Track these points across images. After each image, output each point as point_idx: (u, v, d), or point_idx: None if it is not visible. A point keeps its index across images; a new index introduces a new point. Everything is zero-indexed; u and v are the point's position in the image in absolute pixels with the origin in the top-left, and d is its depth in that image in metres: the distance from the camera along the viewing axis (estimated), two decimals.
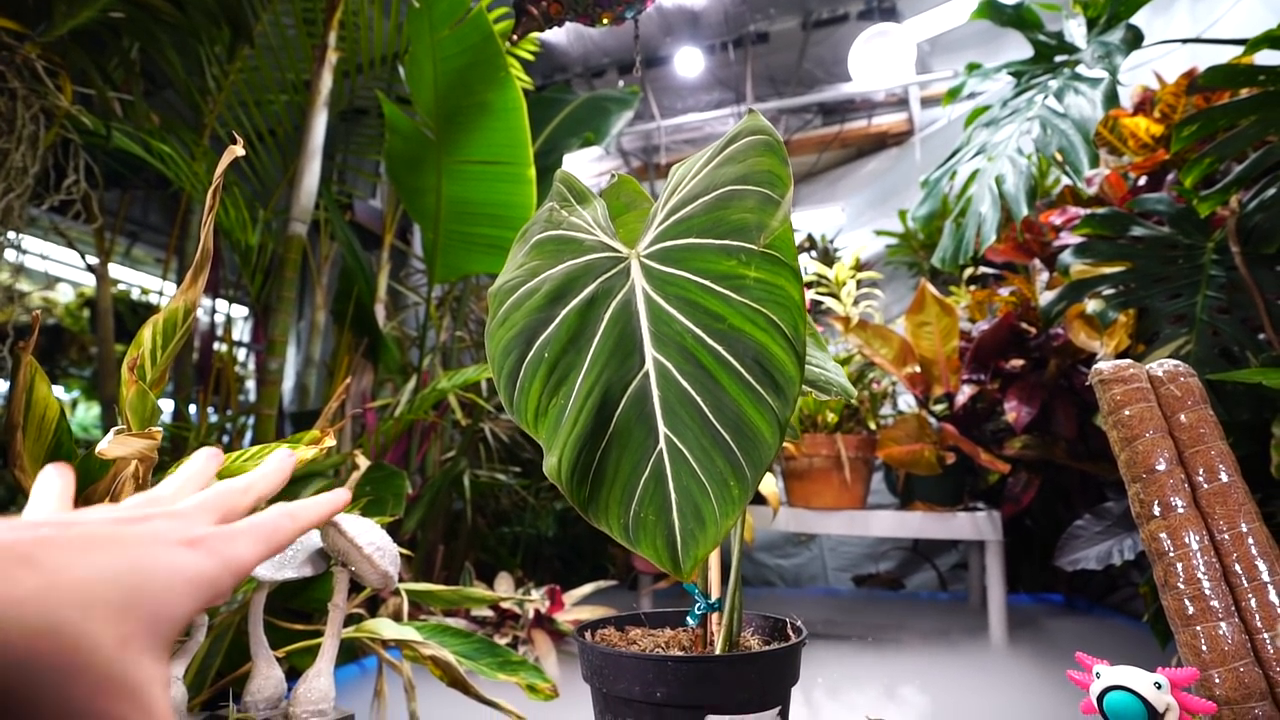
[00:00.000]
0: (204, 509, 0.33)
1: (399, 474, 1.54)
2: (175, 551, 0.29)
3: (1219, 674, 0.65)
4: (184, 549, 0.30)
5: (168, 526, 0.30)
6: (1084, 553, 1.60)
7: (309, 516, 0.38)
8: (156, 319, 0.71)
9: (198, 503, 0.34)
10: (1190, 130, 1.32)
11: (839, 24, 3.62)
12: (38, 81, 1.42)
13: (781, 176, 0.60)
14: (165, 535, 0.30)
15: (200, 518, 0.33)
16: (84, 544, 0.27)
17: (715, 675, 0.66)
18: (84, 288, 3.63)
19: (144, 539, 0.29)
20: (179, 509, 0.32)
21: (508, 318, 0.66)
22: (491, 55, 1.83)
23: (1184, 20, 2.48)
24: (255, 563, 0.33)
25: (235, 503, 0.35)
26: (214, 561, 0.30)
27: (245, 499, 0.36)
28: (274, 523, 0.35)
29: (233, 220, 2.04)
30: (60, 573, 0.25)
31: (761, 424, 0.56)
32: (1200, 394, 0.80)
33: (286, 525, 0.36)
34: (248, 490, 0.37)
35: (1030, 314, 2.14)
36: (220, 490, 0.35)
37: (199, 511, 0.33)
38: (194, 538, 0.30)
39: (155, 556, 0.28)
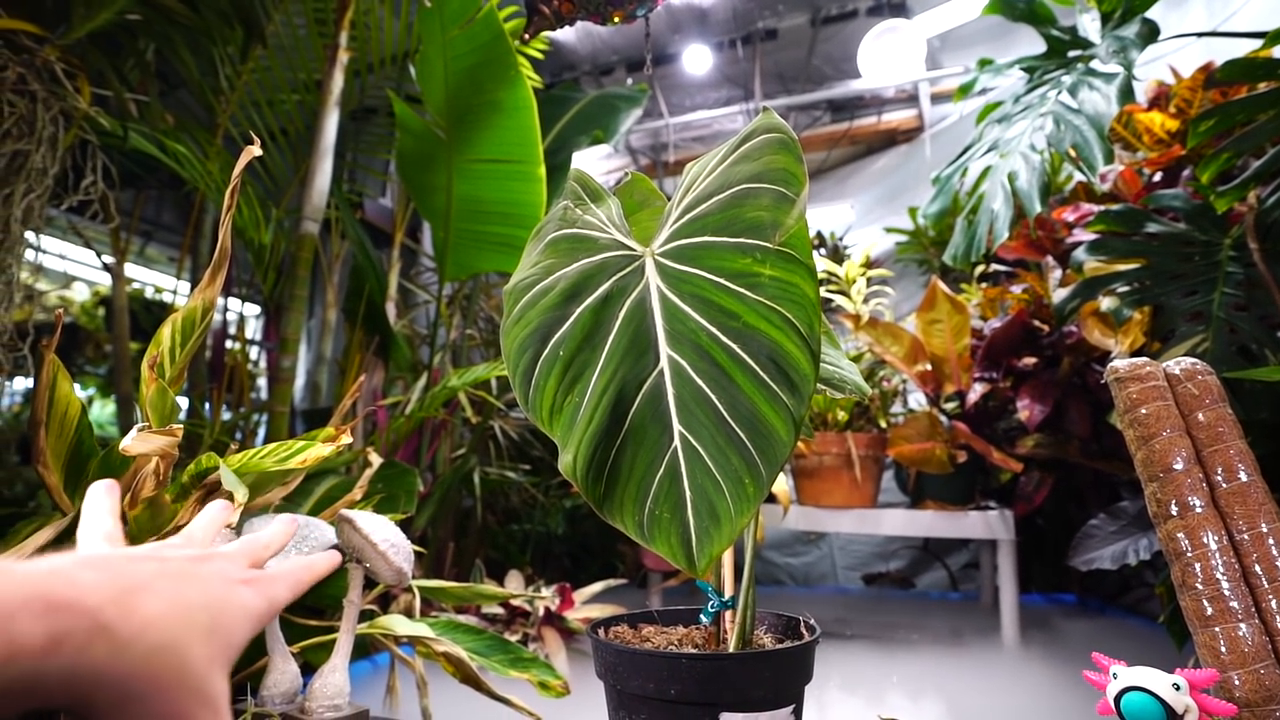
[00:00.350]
0: (244, 556, 0.40)
1: (410, 471, 1.55)
2: (239, 589, 0.36)
3: (1239, 676, 0.65)
4: (244, 587, 0.36)
5: (228, 568, 0.37)
6: (1098, 552, 1.59)
7: (322, 569, 0.46)
8: (175, 317, 0.72)
9: (239, 550, 0.41)
10: (1207, 125, 1.31)
11: (848, 20, 3.61)
12: (57, 84, 1.44)
13: (796, 174, 0.60)
14: (230, 574, 0.36)
15: (244, 562, 0.40)
16: (181, 577, 0.33)
17: (729, 673, 0.66)
18: (99, 286, 3.66)
19: (217, 577, 0.35)
20: (231, 553, 0.39)
21: (523, 315, 0.67)
22: (502, 54, 1.84)
23: (1200, 14, 2.45)
24: (287, 603, 0.40)
25: (261, 555, 0.43)
26: (263, 600, 0.37)
27: (267, 553, 0.44)
28: (299, 573, 0.43)
29: (246, 219, 2.05)
30: (174, 600, 0.31)
31: (776, 422, 0.56)
32: (1218, 392, 0.79)
33: (306, 577, 0.43)
34: (268, 547, 0.45)
35: (1043, 312, 2.13)
36: (251, 543, 0.43)
37: (242, 557, 0.40)
38: (249, 579, 0.37)
39: (227, 592, 0.35)
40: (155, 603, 0.30)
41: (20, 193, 1.31)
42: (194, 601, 0.32)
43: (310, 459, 0.71)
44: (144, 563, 0.32)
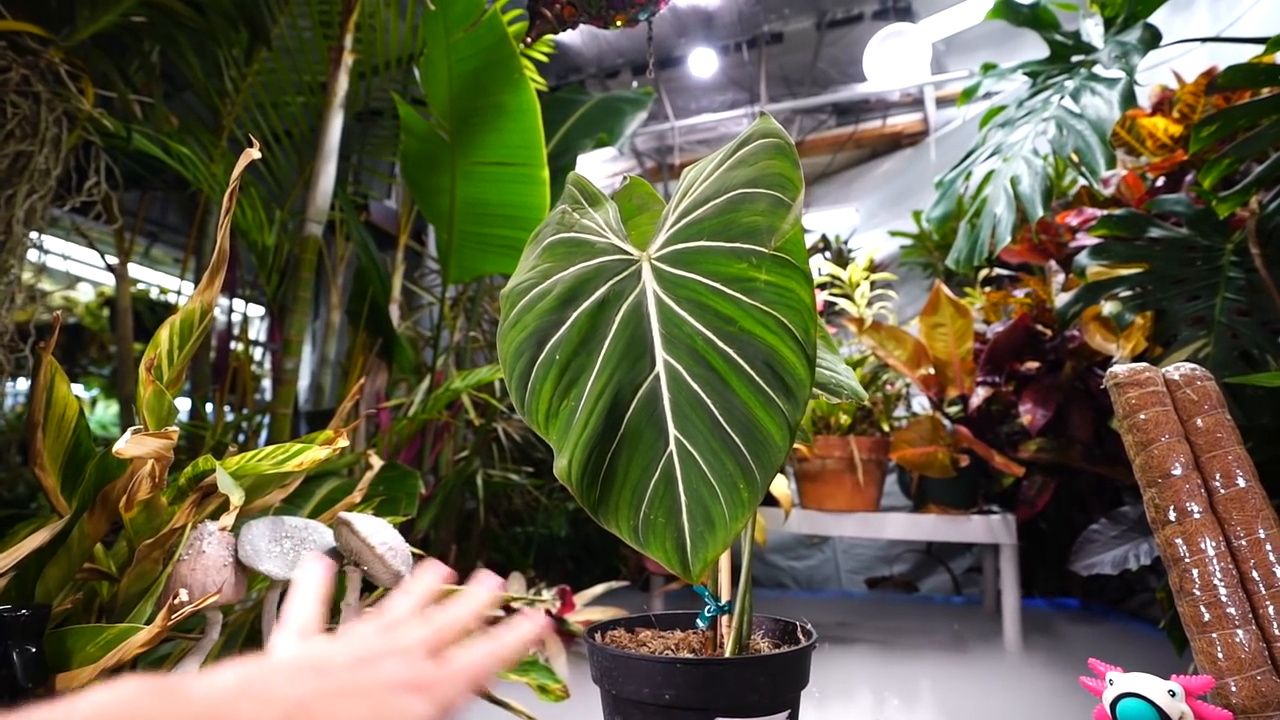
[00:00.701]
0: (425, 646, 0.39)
1: (412, 474, 1.55)
2: (407, 699, 0.34)
3: (1235, 682, 0.64)
4: (413, 695, 0.35)
5: (399, 670, 0.36)
6: (1100, 557, 1.58)
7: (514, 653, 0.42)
8: (174, 319, 0.72)
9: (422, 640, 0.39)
10: (1210, 130, 1.30)
11: (854, 24, 3.61)
12: (61, 85, 1.45)
13: (792, 179, 0.60)
14: (399, 681, 0.35)
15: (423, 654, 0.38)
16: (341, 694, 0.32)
17: (724, 678, 0.66)
18: (104, 287, 3.68)
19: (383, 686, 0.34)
20: (407, 646, 0.38)
21: (520, 319, 0.67)
22: (506, 57, 1.84)
23: (1203, 19, 2.44)
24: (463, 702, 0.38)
25: (449, 640, 0.41)
26: (433, 707, 0.35)
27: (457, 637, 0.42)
28: (484, 667, 0.39)
29: (249, 221, 2.06)
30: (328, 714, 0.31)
31: (772, 427, 0.56)
32: (1217, 398, 0.79)
33: (492, 668, 0.40)
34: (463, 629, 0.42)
35: (1046, 316, 2.12)
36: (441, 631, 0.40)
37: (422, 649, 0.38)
38: (423, 684, 0.35)
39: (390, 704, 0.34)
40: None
41: (23, 194, 1.32)
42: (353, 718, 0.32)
43: (307, 462, 0.71)
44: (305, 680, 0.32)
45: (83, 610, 0.80)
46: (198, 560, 0.77)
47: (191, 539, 0.77)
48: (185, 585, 0.75)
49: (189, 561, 0.76)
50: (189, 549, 0.76)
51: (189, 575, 0.76)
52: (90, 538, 0.75)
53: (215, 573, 0.77)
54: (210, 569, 0.77)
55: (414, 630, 0.39)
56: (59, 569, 0.74)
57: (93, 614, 0.80)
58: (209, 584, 0.76)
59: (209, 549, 0.78)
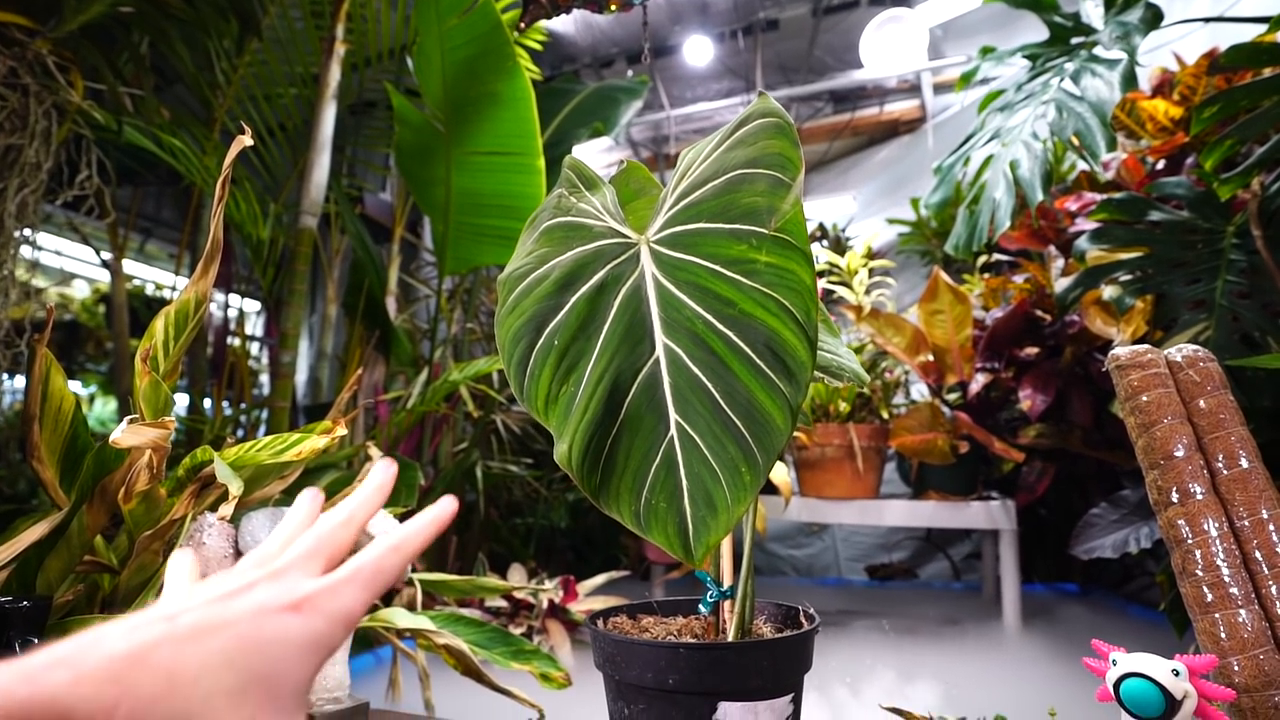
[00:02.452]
0: (305, 560, 0.32)
1: (412, 465, 1.55)
2: (279, 620, 0.29)
3: (1238, 661, 0.64)
4: (288, 615, 0.29)
5: (269, 594, 0.30)
6: (1099, 541, 1.58)
7: (413, 545, 0.35)
8: (168, 311, 0.72)
9: (297, 555, 0.33)
10: (1211, 112, 1.29)
11: (850, 10, 3.58)
12: (49, 77, 1.43)
13: (792, 159, 0.59)
14: (269, 604, 0.29)
15: (301, 572, 0.32)
16: (192, 634, 0.27)
17: (727, 662, 0.65)
18: (99, 283, 3.67)
19: (248, 614, 0.29)
20: (279, 567, 0.32)
21: (517, 305, 0.66)
22: (499, 45, 1.83)
23: (1204, 0, 2.43)
24: (365, 608, 0.32)
25: (338, 541, 0.34)
26: (320, 620, 0.30)
27: (346, 533, 0.35)
28: (377, 563, 0.33)
29: (244, 214, 2.05)
30: (176, 671, 0.26)
31: (773, 410, 0.55)
32: (1220, 379, 0.78)
33: (392, 562, 0.33)
34: (348, 523, 0.35)
35: (1045, 301, 2.12)
36: (319, 535, 0.34)
37: (300, 565, 0.32)
38: (296, 600, 0.30)
39: (261, 630, 0.28)
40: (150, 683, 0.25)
41: (14, 188, 1.31)
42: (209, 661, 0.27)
43: (306, 451, 0.70)
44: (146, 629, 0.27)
45: (85, 602, 0.79)
46: (198, 551, 0.76)
47: (191, 530, 0.77)
48: None
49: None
50: (189, 540, 0.76)
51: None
52: (90, 530, 0.74)
53: (216, 564, 0.76)
54: (211, 560, 0.76)
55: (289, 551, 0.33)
56: (59, 561, 0.74)
57: (95, 606, 0.80)
58: (209, 575, 0.75)
59: (209, 540, 0.77)
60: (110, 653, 0.25)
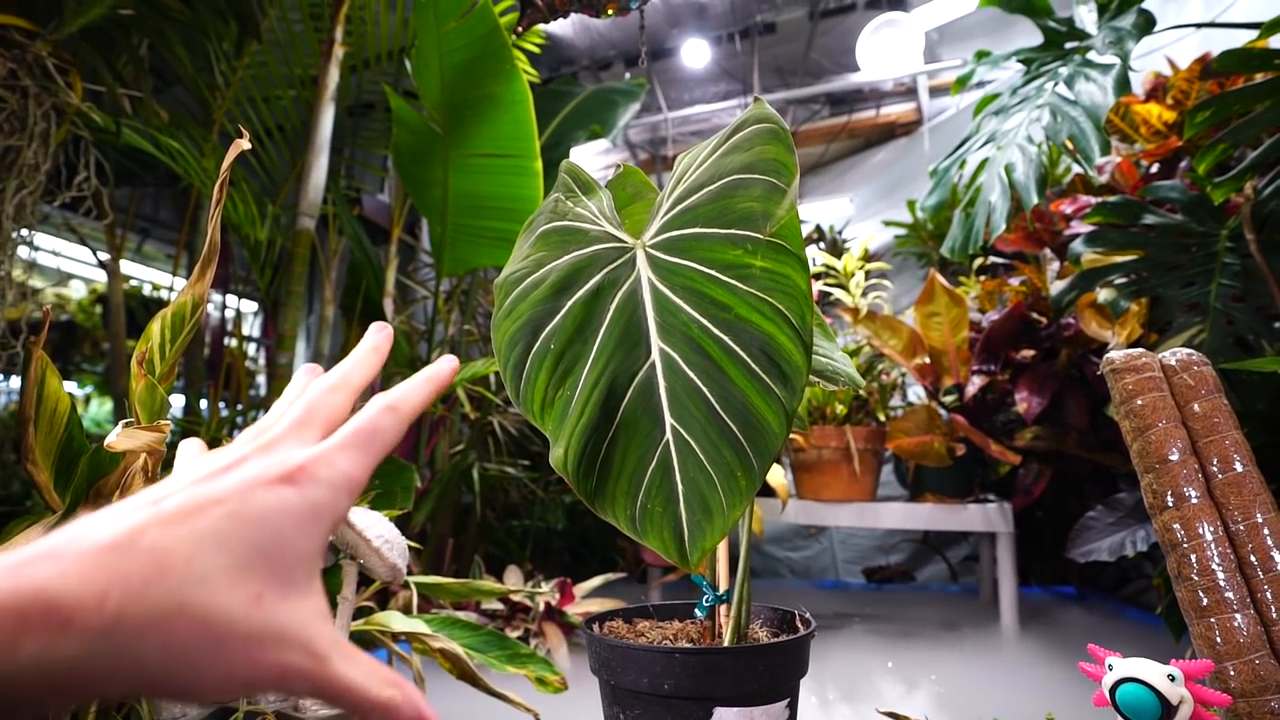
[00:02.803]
0: (296, 429, 0.31)
1: (408, 467, 1.55)
2: (274, 492, 0.27)
3: (1234, 666, 0.64)
4: (283, 486, 0.27)
5: (261, 465, 0.28)
6: (1096, 544, 1.58)
7: (412, 403, 0.33)
8: (165, 313, 0.72)
9: (289, 424, 0.31)
10: (1204, 116, 1.30)
11: (846, 13, 3.59)
12: (48, 79, 1.43)
13: (787, 165, 0.59)
14: (261, 477, 0.28)
15: (295, 441, 0.30)
16: (179, 515, 0.25)
17: (723, 667, 0.65)
18: (96, 284, 3.66)
19: (240, 489, 0.27)
20: (270, 439, 0.30)
21: (513, 309, 0.66)
22: (497, 48, 1.83)
23: (1197, 4, 2.44)
24: (366, 472, 0.30)
25: (332, 407, 0.32)
26: (319, 488, 0.28)
27: (339, 397, 0.32)
28: (373, 423, 0.31)
29: (241, 215, 2.05)
30: (165, 555, 0.24)
31: (769, 414, 0.56)
32: (1214, 383, 0.79)
33: (388, 422, 0.32)
34: (341, 386, 0.33)
35: (1041, 304, 2.12)
36: (311, 399, 0.32)
37: (292, 435, 0.30)
38: (289, 470, 0.28)
39: (254, 504, 0.27)
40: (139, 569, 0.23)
41: (12, 189, 1.31)
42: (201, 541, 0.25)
43: None
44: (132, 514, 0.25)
45: None
46: None
47: None
48: None
49: None
50: None
51: None
52: None
53: None
54: None
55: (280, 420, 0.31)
56: None
57: None
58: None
59: None
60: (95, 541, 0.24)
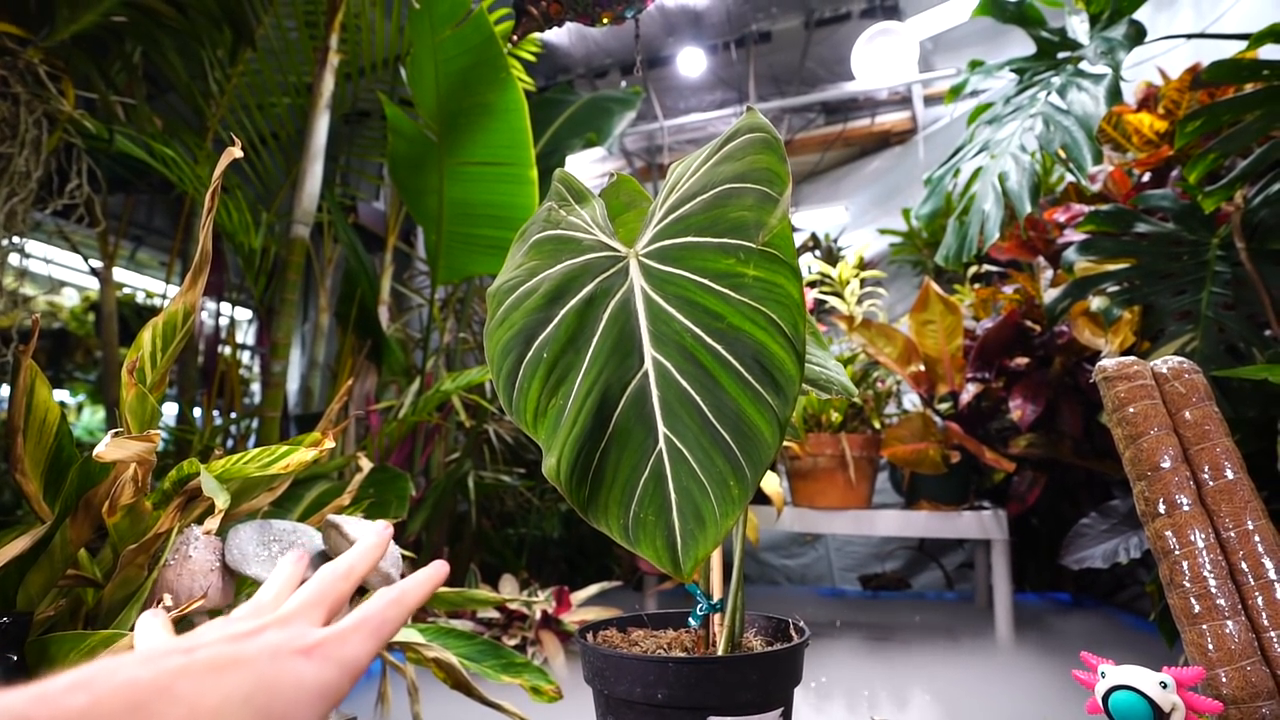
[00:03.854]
0: (309, 609, 0.34)
1: (403, 476, 1.54)
2: (294, 663, 0.30)
3: (1226, 673, 0.64)
4: (301, 659, 0.30)
5: (281, 638, 0.31)
6: (1090, 551, 1.59)
7: (416, 598, 0.37)
8: (156, 322, 0.71)
9: (301, 604, 0.34)
10: (1194, 126, 1.31)
11: (841, 23, 3.62)
12: (40, 86, 1.43)
13: (780, 174, 0.60)
14: (282, 648, 0.30)
15: (306, 620, 0.33)
16: (211, 669, 0.28)
17: (717, 676, 0.65)
18: (89, 291, 3.64)
19: (264, 655, 0.29)
20: (286, 614, 0.33)
21: (506, 318, 0.66)
22: (493, 56, 1.83)
23: (1188, 15, 2.46)
24: (370, 658, 0.33)
25: (339, 593, 0.36)
26: (330, 668, 0.31)
27: (347, 585, 0.36)
28: (381, 614, 0.35)
29: (236, 223, 2.04)
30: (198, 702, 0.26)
31: (761, 423, 0.56)
32: (1205, 391, 0.79)
33: (395, 615, 0.35)
34: (349, 575, 0.37)
35: (1035, 312, 2.13)
36: (322, 584, 0.35)
37: (305, 613, 0.33)
38: (308, 646, 0.31)
39: (278, 671, 0.29)
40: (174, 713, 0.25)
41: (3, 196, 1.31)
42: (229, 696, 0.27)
43: (293, 464, 0.70)
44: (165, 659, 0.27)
45: (68, 617, 0.78)
46: (183, 565, 0.75)
47: (177, 544, 0.76)
48: (171, 590, 0.74)
49: (175, 566, 0.75)
50: (174, 554, 0.75)
51: (175, 580, 0.75)
52: (73, 544, 0.74)
53: (201, 577, 0.76)
54: (196, 573, 0.76)
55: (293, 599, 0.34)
56: (41, 576, 0.73)
57: (78, 621, 0.79)
58: (195, 589, 0.75)
59: (195, 553, 0.76)
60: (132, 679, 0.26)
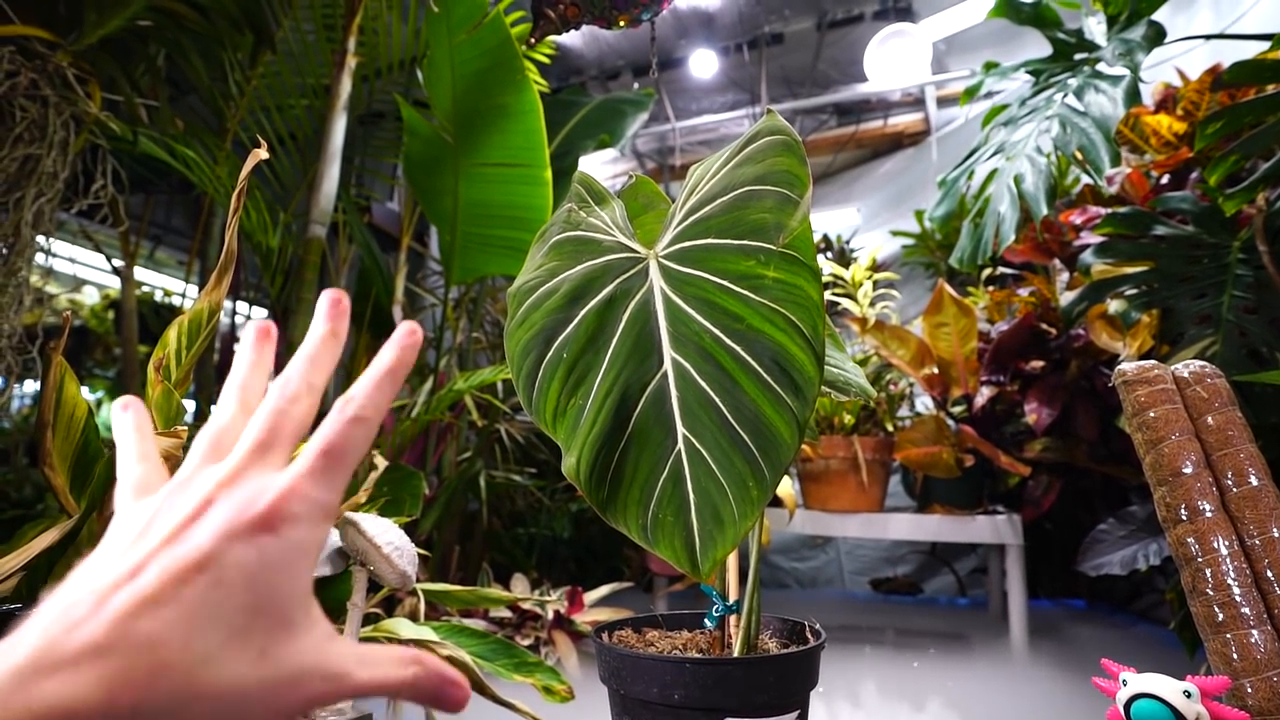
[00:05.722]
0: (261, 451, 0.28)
1: (416, 474, 1.55)
2: (254, 545, 0.25)
3: (1251, 683, 0.64)
4: (261, 535, 0.25)
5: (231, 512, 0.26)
6: (1107, 557, 1.57)
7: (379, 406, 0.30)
8: (181, 320, 0.72)
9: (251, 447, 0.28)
10: (1215, 127, 1.30)
11: (854, 24, 3.61)
12: (68, 89, 1.46)
13: (800, 176, 0.60)
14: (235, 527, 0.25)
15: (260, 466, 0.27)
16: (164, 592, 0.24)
17: (733, 678, 0.65)
18: (109, 290, 3.69)
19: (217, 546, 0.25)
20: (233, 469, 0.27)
21: (526, 318, 0.67)
22: (509, 59, 1.84)
23: (1207, 16, 2.44)
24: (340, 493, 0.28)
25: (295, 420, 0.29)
26: (297, 528, 0.26)
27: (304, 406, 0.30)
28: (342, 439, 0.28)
29: (254, 223, 2.07)
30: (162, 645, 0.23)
31: (780, 425, 0.56)
32: (1228, 395, 0.78)
33: (358, 434, 0.29)
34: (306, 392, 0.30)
35: (1050, 315, 2.11)
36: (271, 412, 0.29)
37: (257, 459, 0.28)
38: (265, 514, 0.26)
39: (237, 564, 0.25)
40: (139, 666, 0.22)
41: (31, 196, 1.33)
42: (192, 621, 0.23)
43: None
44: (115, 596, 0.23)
45: None
46: None
47: None
48: None
49: None
50: None
51: None
52: (99, 537, 0.75)
53: None
54: None
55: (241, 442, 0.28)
56: (68, 568, 0.74)
57: None
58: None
59: None
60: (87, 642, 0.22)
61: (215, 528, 0.25)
